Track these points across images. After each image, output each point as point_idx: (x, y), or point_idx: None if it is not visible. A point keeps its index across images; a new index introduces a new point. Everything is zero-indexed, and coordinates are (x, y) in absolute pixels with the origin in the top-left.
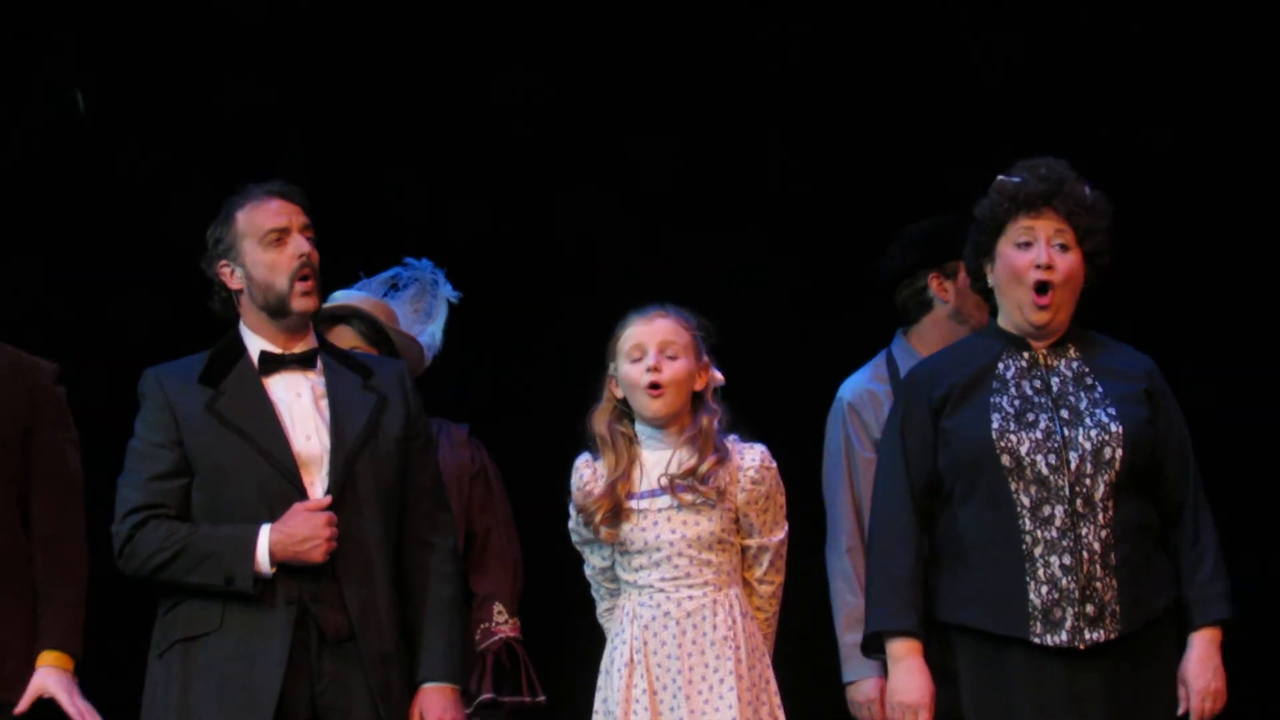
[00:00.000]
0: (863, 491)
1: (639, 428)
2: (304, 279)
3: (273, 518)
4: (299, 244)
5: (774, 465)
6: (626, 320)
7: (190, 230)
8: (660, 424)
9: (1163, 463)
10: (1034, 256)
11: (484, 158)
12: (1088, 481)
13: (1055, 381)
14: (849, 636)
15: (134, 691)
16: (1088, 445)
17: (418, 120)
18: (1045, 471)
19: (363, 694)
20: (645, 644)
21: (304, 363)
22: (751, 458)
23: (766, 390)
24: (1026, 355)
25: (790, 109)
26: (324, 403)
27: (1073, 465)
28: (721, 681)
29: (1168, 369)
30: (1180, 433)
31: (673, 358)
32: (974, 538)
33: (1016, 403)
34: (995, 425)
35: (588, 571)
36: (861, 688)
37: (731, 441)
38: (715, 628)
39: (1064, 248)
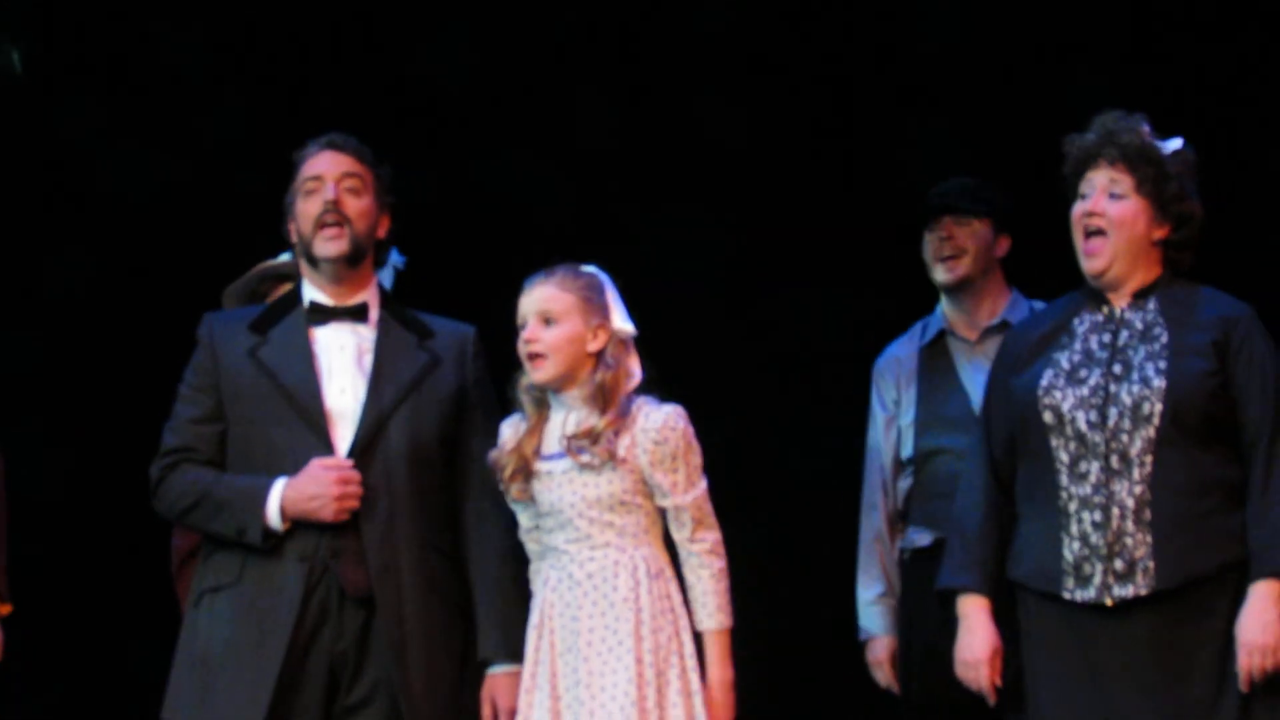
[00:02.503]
0: (883, 451)
1: (550, 391)
2: (326, 225)
3: (296, 469)
4: (327, 190)
5: (681, 425)
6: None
7: (125, 189)
8: (552, 388)
9: (1239, 412)
10: (1084, 206)
11: (426, 122)
12: (1124, 438)
13: (1125, 335)
14: (860, 593)
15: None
16: (1128, 401)
17: (357, 81)
18: (1084, 428)
19: (379, 651)
20: (551, 605)
21: (356, 316)
22: (655, 419)
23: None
24: (1105, 309)
25: (729, 68)
26: (368, 358)
27: (1111, 421)
28: (620, 643)
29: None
30: (1263, 381)
31: (550, 323)
32: (1024, 495)
33: (1076, 358)
34: (1044, 382)
35: (520, 532)
36: (871, 646)
37: (642, 402)
38: (616, 589)
39: (1117, 196)
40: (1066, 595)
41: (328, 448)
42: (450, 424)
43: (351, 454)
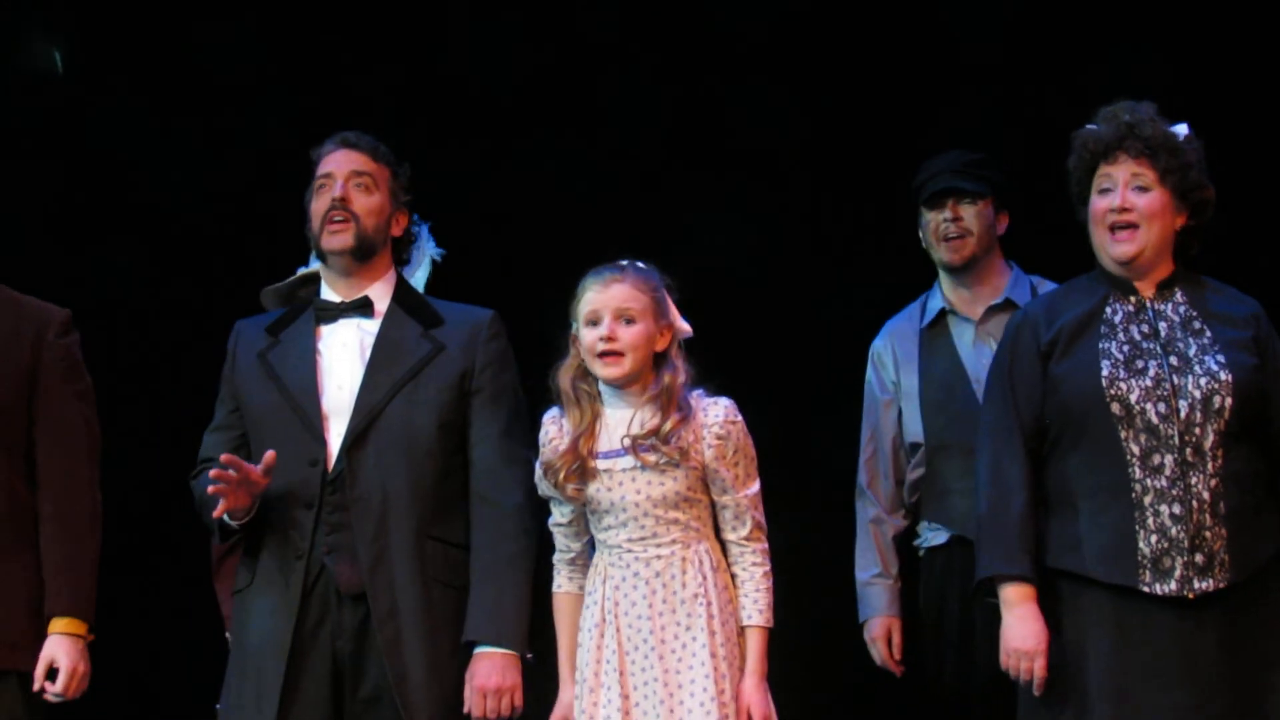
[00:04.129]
0: (882, 433)
1: (602, 386)
2: (333, 220)
3: (291, 470)
4: (335, 187)
5: (739, 419)
6: (584, 281)
7: (167, 190)
8: (619, 385)
9: (1270, 407)
10: (1109, 201)
11: (470, 112)
12: (1197, 430)
13: (1163, 326)
14: (857, 575)
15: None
16: (1197, 394)
17: (402, 72)
18: (1155, 420)
19: (375, 648)
20: (616, 604)
21: (361, 310)
22: (715, 413)
23: (743, 343)
24: (1133, 299)
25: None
26: (369, 352)
27: (1183, 414)
28: (694, 639)
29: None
30: None
31: (629, 322)
32: (1082, 485)
33: (1126, 348)
34: (1105, 372)
35: (551, 523)
36: (868, 625)
37: (696, 397)
38: (685, 585)
39: (1143, 189)
40: (1144, 588)
41: (321, 444)
42: (451, 410)
43: (343, 450)
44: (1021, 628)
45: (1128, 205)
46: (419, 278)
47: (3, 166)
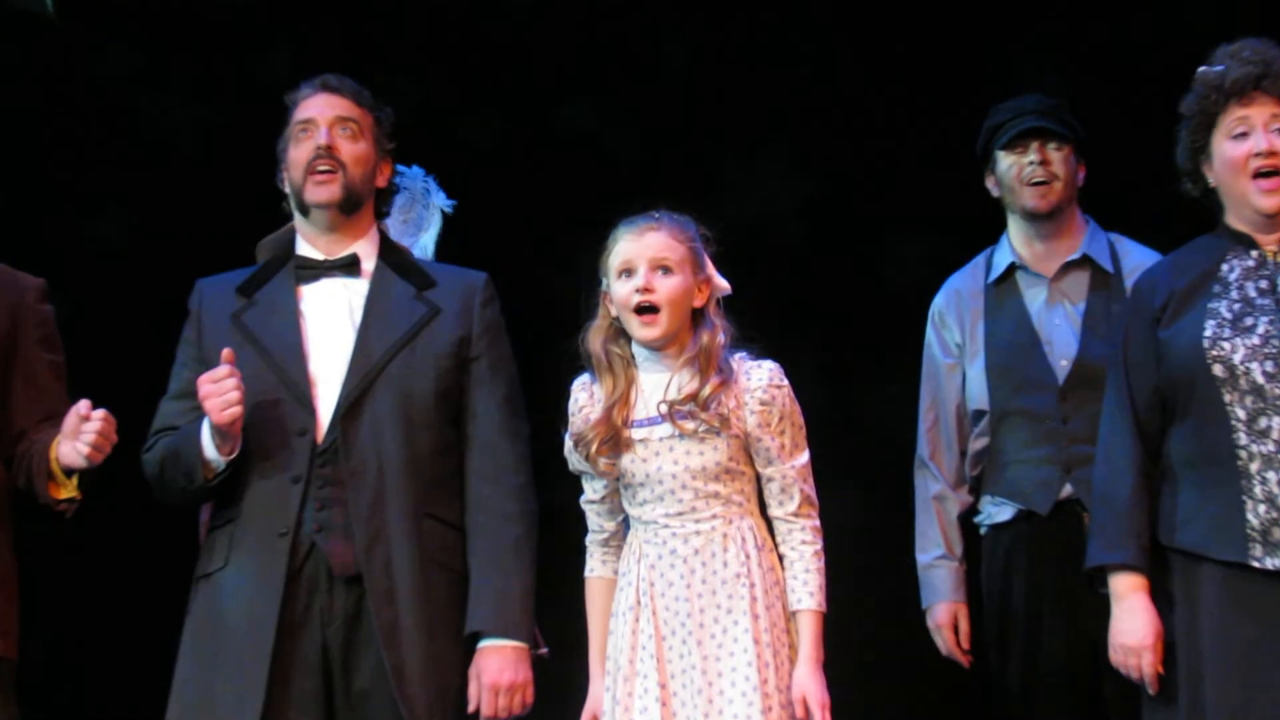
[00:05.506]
0: (945, 400)
1: (636, 349)
2: (318, 171)
3: (280, 442)
4: (319, 135)
5: (785, 383)
6: (615, 232)
7: (164, 139)
8: (656, 346)
9: None
10: (1251, 145)
11: (481, 57)
12: None
13: None
14: (918, 557)
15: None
16: None
17: (408, 19)
18: (1261, 380)
19: (370, 635)
20: (652, 585)
21: (346, 269)
22: (759, 377)
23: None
24: (1255, 254)
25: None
26: (359, 314)
27: None
28: (736, 623)
29: None
30: None
31: (666, 273)
32: (1188, 454)
33: (1236, 306)
34: (1208, 333)
35: (583, 500)
36: (932, 612)
37: (738, 360)
38: (726, 564)
39: None
40: (1255, 563)
41: (310, 413)
42: (449, 378)
43: (336, 418)
44: (1130, 621)
45: (1273, 148)
46: (429, 234)
47: None
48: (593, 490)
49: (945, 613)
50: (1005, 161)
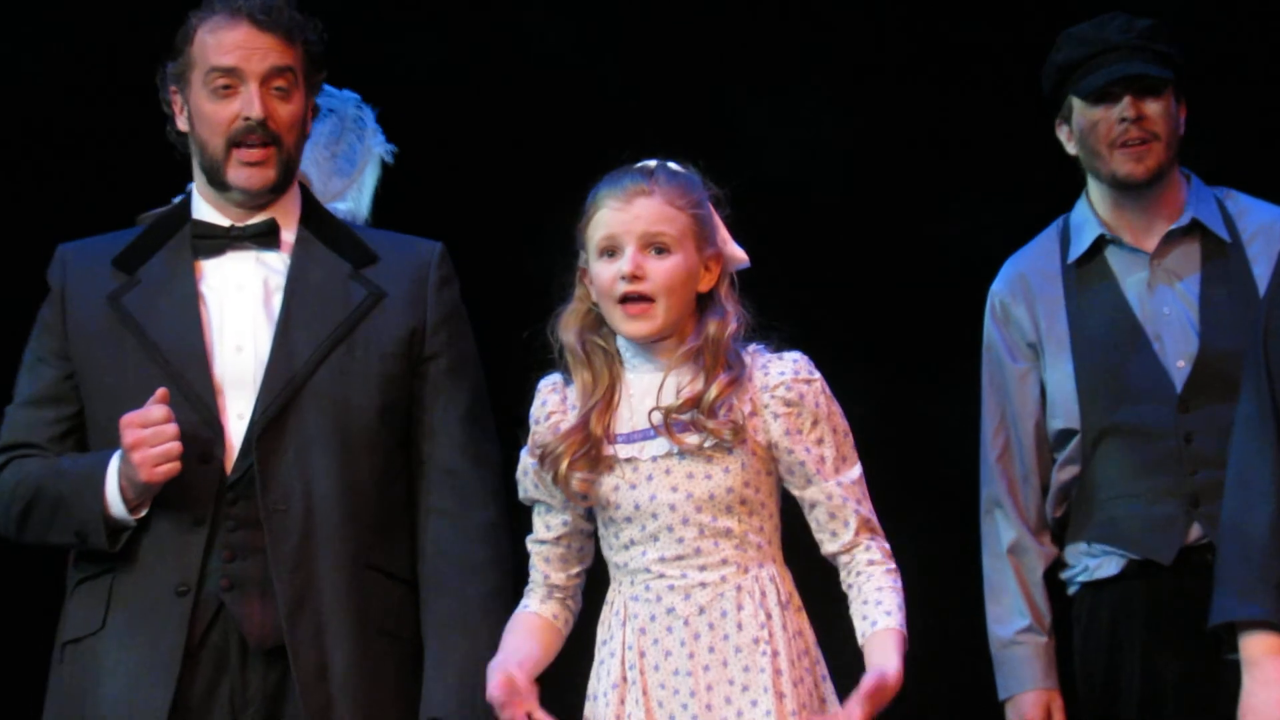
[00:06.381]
0: (1018, 418)
1: (623, 341)
2: (245, 145)
3: (181, 460)
4: (249, 99)
5: (816, 376)
6: (596, 193)
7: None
8: (648, 341)
9: None
10: None
11: None
12: None
13: None
14: (993, 631)
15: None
16: None
17: None
18: None
19: None
20: (642, 655)
21: (261, 240)
22: (780, 370)
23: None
24: None
25: None
26: (277, 299)
27: None
28: (754, 704)
29: None
30: None
31: (661, 252)
32: None
33: None
34: None
35: (530, 540)
36: (1016, 704)
37: (753, 352)
38: (741, 627)
39: None
40: None
41: (218, 430)
42: (397, 385)
43: (249, 440)
44: (1265, 694)
45: None
46: (366, 186)
47: None
48: (546, 527)
49: (1035, 705)
50: (1086, 116)
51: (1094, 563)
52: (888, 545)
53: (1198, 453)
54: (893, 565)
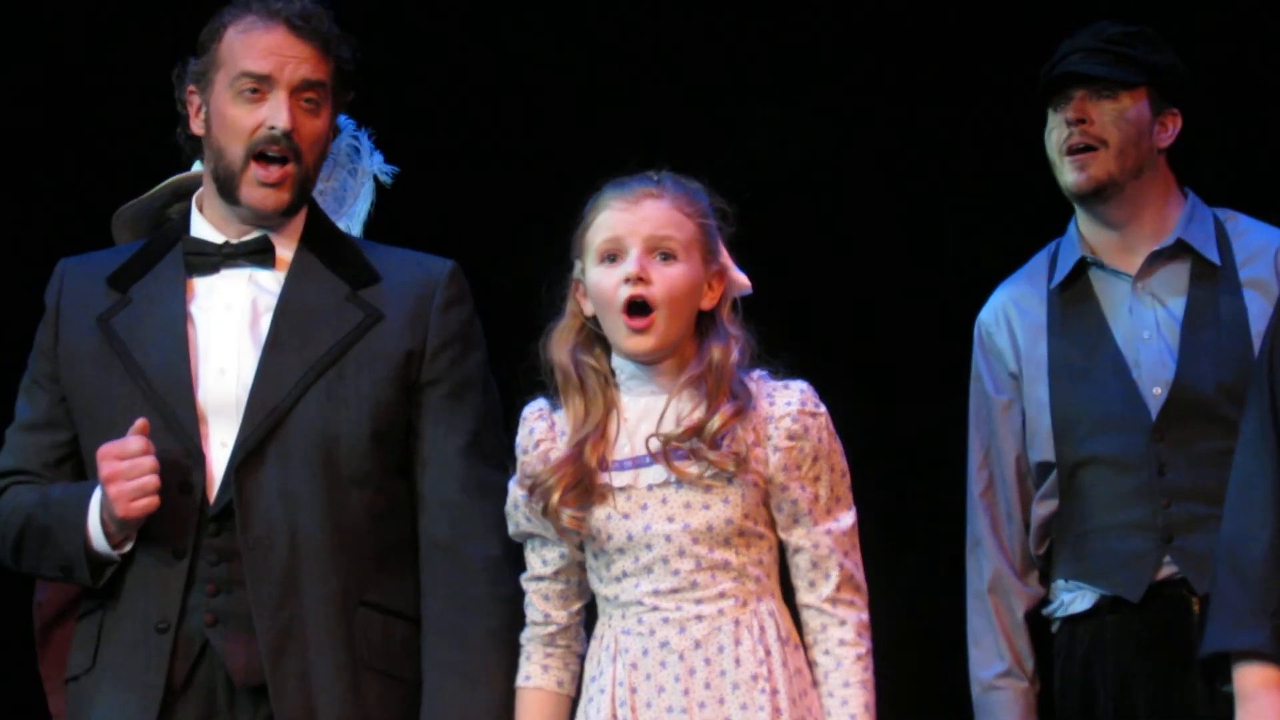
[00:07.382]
0: (1001, 452)
1: (618, 362)
2: (265, 159)
3: (163, 487)
4: (276, 107)
5: (822, 410)
6: (600, 197)
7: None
8: (648, 360)
9: None
10: None
11: None
12: None
13: None
14: (974, 673)
15: None
16: None
17: None
18: None
19: None
20: (634, 692)
21: (255, 258)
22: (786, 401)
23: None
24: None
25: None
26: (266, 319)
27: None
28: None
29: None
30: None
31: (667, 258)
32: None
33: None
34: None
35: (525, 578)
36: None
37: (757, 379)
38: (739, 663)
39: None
40: None
41: (198, 457)
42: (390, 413)
43: (231, 469)
44: None
45: None
46: (359, 210)
47: None
48: (541, 562)
49: None
50: (1049, 123)
51: (1069, 598)
52: (865, 615)
53: (1170, 485)
54: (864, 648)
